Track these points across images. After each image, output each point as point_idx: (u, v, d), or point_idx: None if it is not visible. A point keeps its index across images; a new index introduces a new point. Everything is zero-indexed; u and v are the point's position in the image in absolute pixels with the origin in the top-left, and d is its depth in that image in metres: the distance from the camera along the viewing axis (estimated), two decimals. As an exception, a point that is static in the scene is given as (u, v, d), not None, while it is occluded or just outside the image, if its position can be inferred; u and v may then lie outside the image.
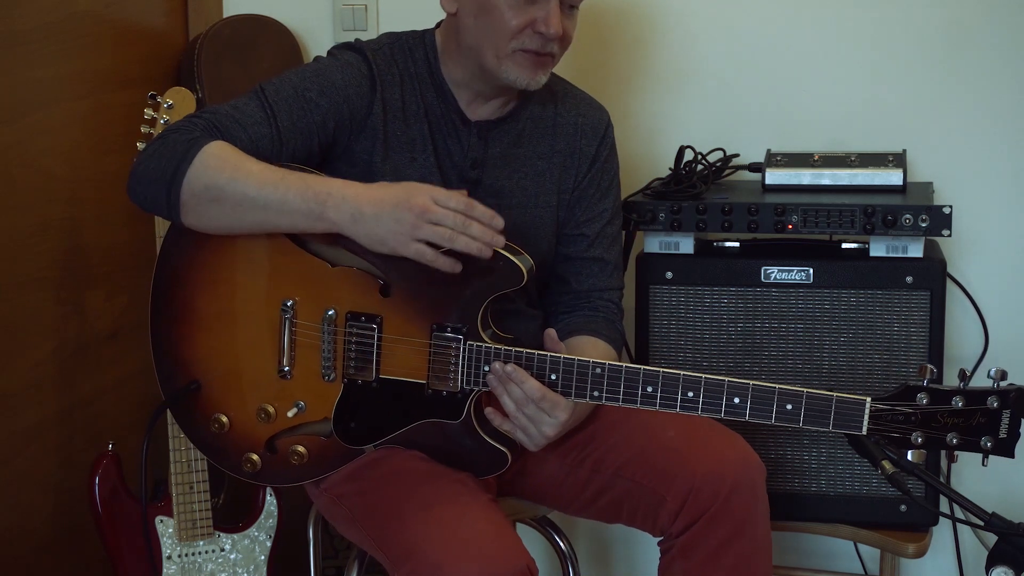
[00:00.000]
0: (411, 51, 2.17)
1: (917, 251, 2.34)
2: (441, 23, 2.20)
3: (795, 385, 1.89)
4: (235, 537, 2.45)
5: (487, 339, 1.97)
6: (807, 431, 2.37)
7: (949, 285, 2.45)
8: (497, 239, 1.90)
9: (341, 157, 2.11)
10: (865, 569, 2.75)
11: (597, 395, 1.95)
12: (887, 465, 1.87)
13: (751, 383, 1.89)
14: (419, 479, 2.00)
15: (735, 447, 2.07)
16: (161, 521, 2.40)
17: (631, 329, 2.45)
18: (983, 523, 1.87)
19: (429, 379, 1.99)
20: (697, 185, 2.49)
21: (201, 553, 2.42)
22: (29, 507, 2.36)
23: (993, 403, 1.84)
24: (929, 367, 1.87)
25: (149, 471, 2.30)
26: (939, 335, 2.33)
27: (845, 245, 2.44)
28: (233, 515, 2.48)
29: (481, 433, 2.01)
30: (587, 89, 2.32)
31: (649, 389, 1.93)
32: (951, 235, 2.30)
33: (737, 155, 2.64)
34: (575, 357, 1.95)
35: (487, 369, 1.96)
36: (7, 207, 2.25)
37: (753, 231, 2.38)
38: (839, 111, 2.71)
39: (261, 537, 2.47)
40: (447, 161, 2.15)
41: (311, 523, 2.42)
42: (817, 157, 2.53)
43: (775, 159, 2.55)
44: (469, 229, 1.88)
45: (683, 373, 1.91)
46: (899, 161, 2.50)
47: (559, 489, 2.17)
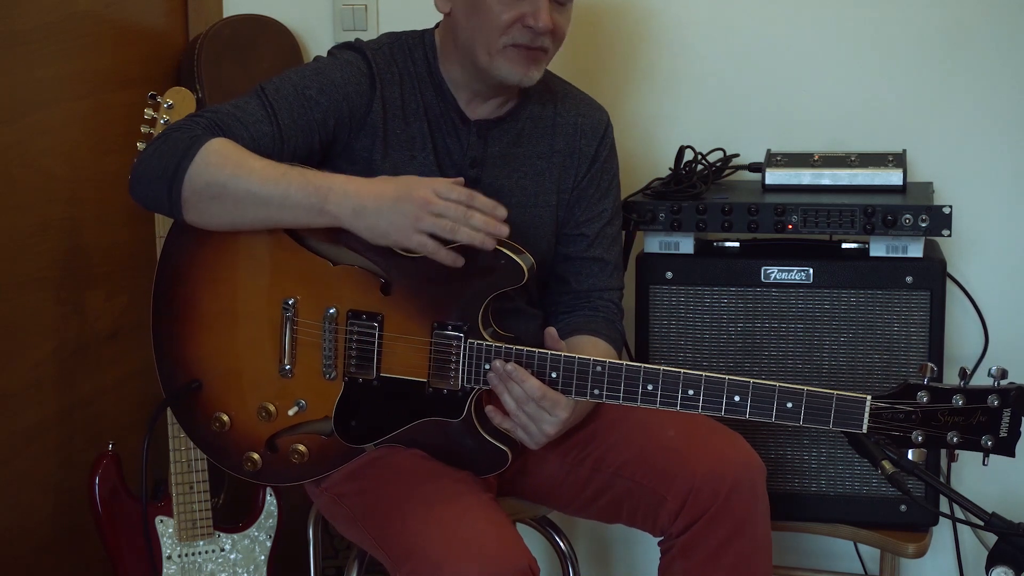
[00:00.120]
0: (411, 51, 2.18)
1: (917, 251, 2.34)
2: (440, 23, 2.20)
3: (795, 385, 1.89)
4: (235, 537, 2.45)
5: (488, 337, 1.97)
6: (807, 430, 2.37)
7: (949, 285, 2.45)
8: (500, 228, 1.90)
9: (341, 155, 2.11)
10: (865, 569, 2.75)
11: (597, 393, 1.95)
12: (887, 465, 1.87)
13: (751, 381, 1.88)
14: (420, 478, 2.00)
15: (735, 447, 2.07)
16: (161, 521, 2.40)
17: (631, 329, 2.45)
18: (983, 523, 1.86)
19: (430, 377, 1.99)
20: (697, 185, 2.49)
21: (201, 553, 2.42)
22: (29, 507, 2.36)
23: (994, 402, 1.83)
24: (930, 365, 1.86)
25: (149, 471, 2.30)
26: (939, 335, 2.33)
27: (845, 245, 2.43)
28: (233, 515, 2.48)
29: (481, 432, 2.01)
30: (587, 89, 2.32)
31: (649, 387, 1.92)
32: (951, 235, 2.30)
33: (737, 155, 2.64)
34: (575, 355, 1.95)
35: (488, 367, 1.96)
36: (7, 207, 2.25)
37: (753, 231, 2.38)
38: (839, 111, 2.71)
39: (261, 537, 2.47)
40: (446, 160, 2.15)
41: (311, 523, 2.42)
42: (817, 157, 2.53)
43: (775, 159, 2.55)
44: (471, 220, 1.88)
45: (683, 371, 1.91)
46: (899, 161, 2.50)
47: (559, 488, 2.17)
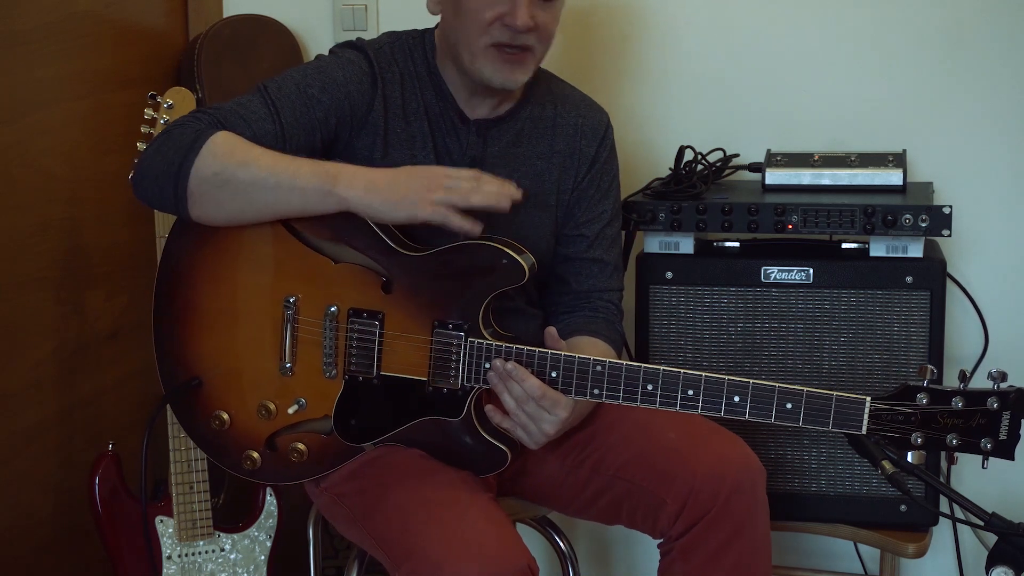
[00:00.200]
0: (411, 50, 2.18)
1: (917, 251, 2.34)
2: (438, 23, 2.20)
3: (795, 385, 1.89)
4: (235, 537, 2.45)
5: (488, 337, 1.97)
6: (807, 431, 2.37)
7: (949, 285, 2.45)
8: (514, 191, 1.93)
9: (342, 154, 2.11)
10: (865, 569, 2.75)
11: (597, 393, 1.95)
12: (887, 465, 1.87)
13: (751, 382, 1.88)
14: (419, 478, 2.00)
15: (735, 449, 2.07)
16: (161, 521, 2.40)
17: (631, 329, 2.45)
18: (983, 523, 1.86)
19: (430, 376, 1.99)
20: (697, 185, 2.49)
21: (201, 553, 2.42)
22: (29, 507, 2.36)
23: (993, 404, 1.83)
24: (929, 367, 1.86)
25: (149, 471, 2.30)
26: (939, 335, 2.33)
27: (845, 245, 2.43)
28: (233, 515, 2.48)
29: (481, 431, 2.01)
30: (587, 89, 2.32)
31: (649, 387, 1.92)
32: (951, 235, 2.30)
33: (737, 155, 2.64)
34: (575, 355, 1.95)
35: (488, 366, 1.96)
36: (7, 207, 2.25)
37: (753, 231, 2.38)
38: (839, 111, 2.71)
39: (261, 537, 2.47)
40: (446, 159, 2.15)
41: (311, 523, 2.42)
42: (817, 157, 2.53)
43: (775, 159, 2.55)
44: (483, 187, 1.91)
45: (683, 371, 1.91)
46: (899, 161, 2.50)
47: (559, 489, 2.17)
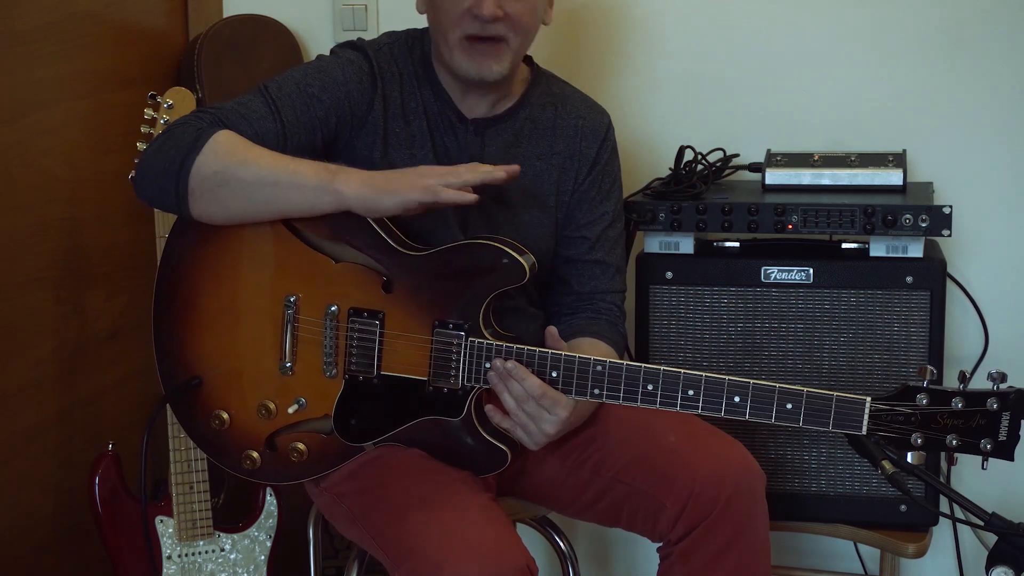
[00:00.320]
0: (409, 50, 2.18)
1: (917, 251, 2.34)
2: None
3: (795, 385, 1.89)
4: (235, 537, 2.45)
5: (488, 336, 1.97)
6: (807, 431, 2.37)
7: (949, 285, 2.45)
8: (510, 167, 1.94)
9: (343, 153, 2.12)
10: (865, 569, 2.74)
11: (598, 393, 1.95)
12: (887, 465, 1.87)
13: (751, 382, 1.88)
14: (419, 477, 2.00)
15: (735, 452, 2.07)
16: (161, 521, 2.40)
17: (631, 329, 2.44)
18: (983, 523, 1.86)
19: (430, 376, 1.99)
20: (697, 185, 2.49)
21: (201, 553, 2.42)
22: (29, 507, 2.36)
23: (993, 405, 1.83)
24: (929, 368, 1.86)
25: (149, 471, 2.30)
26: (939, 335, 2.33)
27: (845, 245, 2.43)
28: (233, 515, 2.48)
29: (481, 431, 2.01)
30: (587, 89, 2.32)
31: (650, 387, 1.92)
32: (951, 235, 2.30)
33: (737, 155, 2.64)
34: (576, 355, 1.95)
35: (488, 366, 1.96)
36: (7, 207, 2.25)
37: (753, 231, 2.38)
38: (839, 111, 2.71)
39: (261, 537, 2.47)
40: (445, 159, 2.15)
41: (311, 523, 2.42)
42: (817, 157, 2.53)
43: (775, 159, 2.55)
44: (478, 167, 1.94)
45: (683, 371, 1.91)
46: (899, 161, 2.50)
47: (559, 490, 2.17)
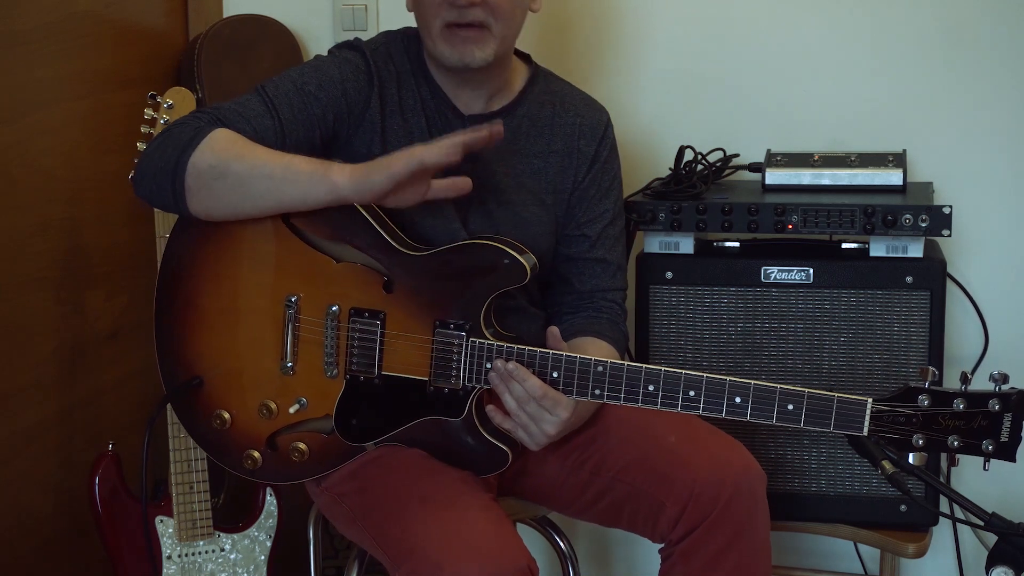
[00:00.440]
0: (406, 49, 2.18)
1: (917, 251, 2.34)
2: None
3: (795, 385, 1.89)
4: (235, 537, 2.45)
5: (489, 336, 1.97)
6: (807, 431, 2.37)
7: (949, 285, 2.45)
8: (494, 125, 1.93)
9: (341, 151, 2.12)
10: (865, 569, 2.75)
11: (599, 393, 1.95)
12: (887, 465, 1.87)
13: (752, 383, 1.88)
14: (420, 477, 2.00)
15: (736, 453, 2.07)
16: (161, 521, 2.40)
17: (631, 329, 2.44)
18: (983, 523, 1.86)
19: (431, 376, 1.99)
20: (697, 185, 2.48)
21: (201, 553, 2.42)
22: (29, 507, 2.35)
23: (995, 406, 1.83)
24: (931, 369, 1.87)
25: (149, 471, 2.30)
26: (939, 335, 2.33)
27: (845, 245, 2.43)
28: (233, 515, 2.48)
29: (482, 431, 2.01)
30: (587, 89, 2.32)
31: (651, 388, 1.92)
32: (951, 235, 2.30)
33: (737, 155, 2.64)
34: (577, 355, 1.95)
35: (489, 366, 1.96)
36: (7, 207, 2.25)
37: (753, 231, 2.38)
38: (839, 111, 2.71)
39: (261, 537, 2.47)
40: None
41: (311, 523, 2.42)
42: (817, 157, 2.53)
43: (775, 159, 2.55)
44: (460, 133, 1.92)
45: (685, 372, 1.91)
46: (899, 161, 2.50)
47: (559, 491, 2.17)
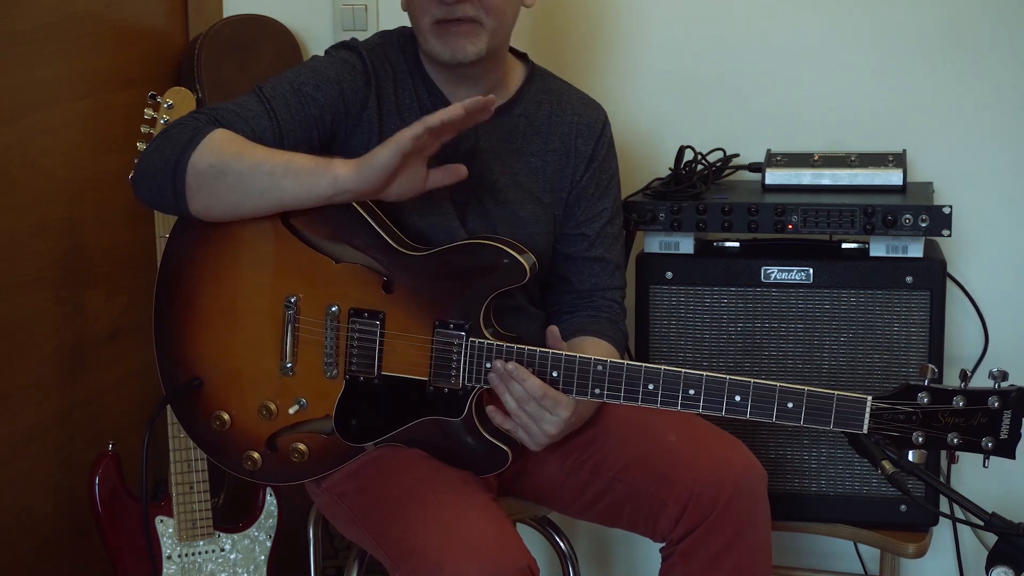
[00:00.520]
0: (402, 48, 2.18)
1: (917, 251, 2.34)
2: None
3: (795, 385, 1.89)
4: (235, 537, 2.45)
5: (489, 336, 1.97)
6: (807, 430, 2.37)
7: (949, 285, 2.45)
8: (486, 97, 1.91)
9: (340, 152, 2.11)
10: (865, 569, 2.75)
11: (598, 392, 1.95)
12: (887, 465, 1.87)
13: (752, 381, 1.88)
14: (420, 477, 2.00)
15: (736, 452, 2.07)
16: (161, 521, 2.40)
17: (631, 329, 2.44)
18: (983, 523, 1.86)
19: (431, 376, 1.99)
20: (697, 185, 2.49)
21: (201, 553, 2.42)
22: (29, 507, 2.35)
23: (994, 403, 1.83)
24: (930, 367, 1.86)
25: (149, 471, 2.30)
26: (939, 335, 2.33)
27: (845, 245, 2.43)
28: (233, 515, 2.48)
29: (482, 431, 2.01)
30: (587, 88, 2.32)
31: (650, 387, 1.92)
32: (951, 235, 2.30)
33: (737, 155, 2.64)
34: (576, 354, 1.95)
35: (489, 366, 1.96)
36: (7, 207, 2.25)
37: (753, 231, 2.38)
38: (839, 111, 2.71)
39: (261, 537, 2.47)
40: (440, 154, 2.14)
41: (311, 523, 2.42)
42: (817, 157, 2.53)
43: (775, 159, 2.55)
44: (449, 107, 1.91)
45: (684, 371, 1.91)
46: (899, 161, 2.50)
47: (559, 490, 2.17)
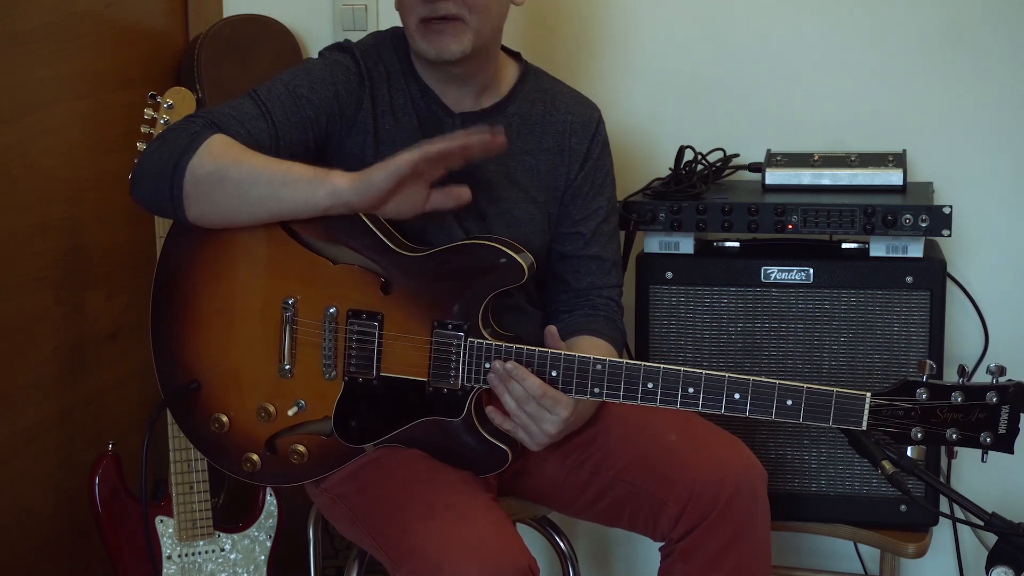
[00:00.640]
0: (395, 48, 2.18)
1: (917, 251, 2.34)
2: None
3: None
4: (235, 537, 2.45)
5: (488, 336, 1.97)
6: (807, 430, 2.37)
7: (949, 285, 2.45)
8: (494, 129, 1.92)
9: (335, 154, 2.12)
10: (865, 569, 2.74)
11: (598, 391, 1.94)
12: (887, 465, 1.87)
13: (751, 379, 1.88)
14: (419, 478, 2.00)
15: (737, 452, 2.07)
16: (161, 521, 2.40)
17: (631, 329, 2.45)
18: (983, 523, 1.87)
19: (430, 377, 1.99)
20: (697, 185, 2.49)
21: (201, 553, 2.42)
22: (29, 507, 2.35)
23: (992, 398, 1.84)
24: (928, 363, 1.87)
25: (149, 471, 2.30)
26: (939, 335, 2.33)
27: (845, 245, 2.43)
28: (233, 515, 2.48)
29: (482, 431, 2.01)
30: (588, 88, 2.32)
31: (650, 385, 1.92)
32: (951, 235, 2.30)
33: (737, 155, 2.64)
34: (575, 354, 1.95)
35: (488, 366, 1.96)
36: (7, 207, 2.25)
37: (753, 231, 2.38)
38: (839, 111, 2.71)
39: (261, 537, 2.47)
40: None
41: (311, 523, 2.42)
42: (817, 157, 2.53)
43: (775, 159, 2.55)
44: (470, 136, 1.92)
45: (683, 369, 1.91)
46: (899, 161, 2.50)
47: (559, 490, 2.17)
